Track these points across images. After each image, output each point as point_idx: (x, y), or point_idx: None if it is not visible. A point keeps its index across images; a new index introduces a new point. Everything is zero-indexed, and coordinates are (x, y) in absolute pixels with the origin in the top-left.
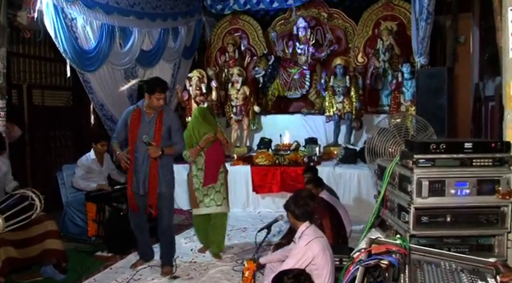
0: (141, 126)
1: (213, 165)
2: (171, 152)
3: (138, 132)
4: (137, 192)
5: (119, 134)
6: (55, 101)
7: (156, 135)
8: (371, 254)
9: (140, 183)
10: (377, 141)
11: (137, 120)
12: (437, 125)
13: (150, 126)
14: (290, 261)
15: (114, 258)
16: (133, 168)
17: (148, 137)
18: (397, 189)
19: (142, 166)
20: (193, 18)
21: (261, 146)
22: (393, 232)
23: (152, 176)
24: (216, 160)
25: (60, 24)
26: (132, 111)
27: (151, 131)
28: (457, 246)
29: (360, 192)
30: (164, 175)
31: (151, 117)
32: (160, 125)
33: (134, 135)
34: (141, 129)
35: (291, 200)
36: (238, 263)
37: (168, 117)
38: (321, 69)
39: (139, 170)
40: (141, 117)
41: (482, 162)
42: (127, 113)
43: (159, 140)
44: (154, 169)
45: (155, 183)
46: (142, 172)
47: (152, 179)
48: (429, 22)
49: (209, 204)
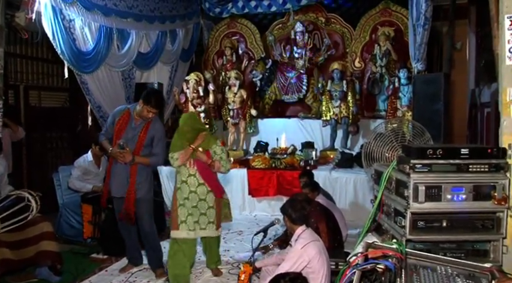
0: (127, 130)
1: (209, 172)
2: (142, 161)
3: (122, 135)
4: (115, 195)
5: (108, 132)
6: (52, 102)
7: (138, 143)
8: (368, 258)
9: (118, 185)
10: (374, 146)
11: (124, 123)
12: (433, 130)
13: (134, 133)
14: (286, 264)
15: (110, 260)
16: (112, 169)
17: (131, 142)
18: (393, 194)
19: (122, 169)
20: (192, 21)
21: (258, 150)
22: (389, 236)
23: (131, 180)
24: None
25: (58, 26)
26: (122, 112)
27: (135, 137)
28: (453, 251)
29: (356, 196)
30: (143, 181)
31: (138, 124)
32: (145, 135)
33: (118, 138)
34: (125, 133)
35: (287, 204)
36: (234, 266)
37: (153, 127)
38: (318, 73)
39: (118, 172)
40: (129, 121)
41: (478, 168)
42: (117, 112)
43: (140, 148)
44: (133, 173)
45: (132, 187)
46: (120, 175)
47: (131, 183)
48: (426, 28)
49: (193, 227)
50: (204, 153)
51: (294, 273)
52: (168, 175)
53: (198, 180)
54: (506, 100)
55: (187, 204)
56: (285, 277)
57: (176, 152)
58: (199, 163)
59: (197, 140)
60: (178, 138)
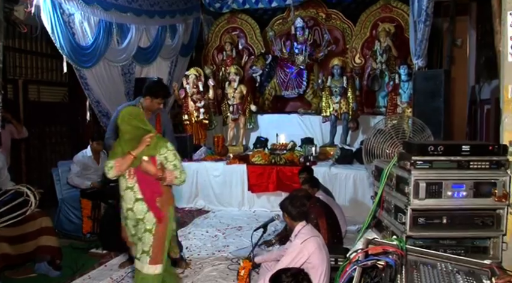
0: None
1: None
2: None
3: None
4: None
5: (113, 134)
6: (51, 97)
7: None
8: (368, 255)
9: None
10: (374, 142)
11: None
12: (433, 127)
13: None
14: (285, 259)
15: (109, 255)
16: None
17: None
18: (394, 190)
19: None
20: (191, 16)
21: (257, 145)
22: (389, 233)
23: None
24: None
25: (57, 20)
26: None
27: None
28: (453, 247)
29: (355, 192)
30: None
31: (149, 119)
32: (159, 125)
33: None
34: None
35: (287, 201)
36: (234, 262)
37: (164, 119)
38: (318, 69)
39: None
40: None
41: (479, 164)
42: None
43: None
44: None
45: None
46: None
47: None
48: (428, 24)
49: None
50: (150, 162)
51: (295, 269)
52: None
53: (136, 195)
54: (508, 97)
55: (129, 224)
56: (286, 273)
57: (113, 159)
58: (141, 173)
59: (140, 144)
60: (118, 142)
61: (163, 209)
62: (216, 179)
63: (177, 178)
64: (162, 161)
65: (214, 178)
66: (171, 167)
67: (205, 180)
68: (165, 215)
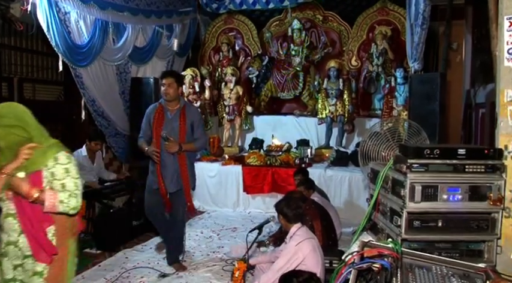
0: (165, 123)
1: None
2: (189, 148)
3: (162, 129)
4: (172, 191)
5: (145, 133)
6: (46, 95)
7: (180, 131)
8: (363, 257)
9: (168, 180)
10: (370, 145)
11: (161, 118)
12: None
13: (173, 122)
14: (280, 261)
15: (103, 255)
16: (162, 169)
17: (172, 133)
18: (390, 193)
19: (171, 164)
20: (188, 16)
21: (253, 146)
22: (385, 235)
23: (184, 173)
24: (39, 215)
25: (53, 18)
26: (155, 108)
27: (175, 127)
28: (448, 251)
29: (350, 195)
30: (189, 169)
31: (174, 114)
32: (184, 121)
33: (158, 133)
34: (164, 126)
35: (283, 202)
36: (228, 263)
37: (190, 112)
38: (314, 71)
39: (166, 167)
40: (164, 114)
41: (474, 168)
42: (149, 111)
43: (184, 134)
44: (183, 164)
45: (186, 178)
46: (169, 169)
47: (185, 176)
48: (424, 28)
49: None
50: (25, 179)
51: (308, 273)
52: None
53: (21, 224)
54: (504, 101)
55: (7, 265)
56: (298, 277)
57: None
58: (19, 198)
59: (17, 157)
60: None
61: (58, 243)
62: (211, 180)
63: (62, 204)
64: (48, 177)
65: (210, 179)
66: (59, 187)
67: (200, 180)
68: (63, 252)
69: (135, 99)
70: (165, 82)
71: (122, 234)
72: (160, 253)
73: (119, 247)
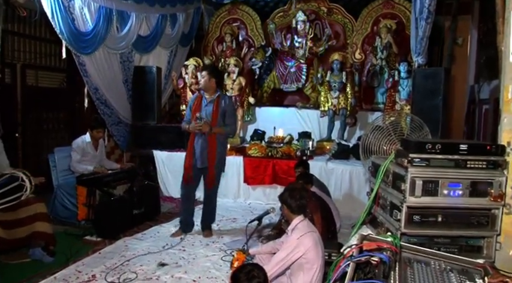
0: (201, 108)
1: None
2: (219, 131)
3: (199, 112)
4: (195, 165)
5: (187, 118)
6: (49, 82)
7: (213, 114)
8: (362, 250)
9: (198, 156)
10: (372, 139)
11: (198, 104)
12: (431, 125)
13: (208, 108)
14: (281, 254)
15: (103, 243)
16: (195, 145)
17: (205, 115)
18: (390, 187)
19: (203, 142)
20: (192, 5)
21: (254, 138)
22: (384, 229)
23: (212, 151)
24: None
25: (57, 5)
26: (195, 97)
27: (209, 112)
28: (447, 246)
29: (351, 188)
30: (219, 151)
31: (210, 100)
32: (217, 108)
33: (195, 115)
34: (200, 111)
35: (286, 193)
36: (228, 253)
37: (224, 102)
38: (318, 63)
39: (198, 145)
40: (202, 101)
41: (476, 164)
42: (191, 100)
43: (215, 118)
44: (213, 145)
45: (213, 157)
46: (200, 146)
47: (212, 154)
48: (429, 22)
49: None
50: None
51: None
52: (164, 159)
53: None
54: (508, 97)
55: None
56: (241, 270)
57: None
58: None
59: None
60: None
61: None
62: None
63: None
64: None
65: None
66: None
67: None
68: None
69: (137, 88)
70: (201, 74)
71: (122, 222)
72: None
73: (119, 235)
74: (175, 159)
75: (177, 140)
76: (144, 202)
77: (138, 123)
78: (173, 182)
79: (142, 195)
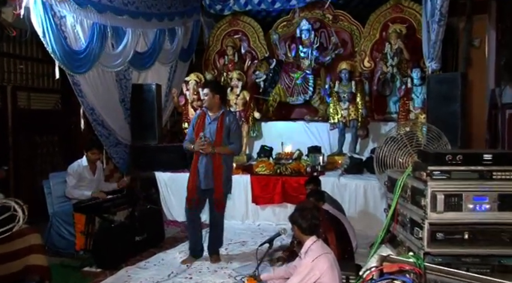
0: (204, 126)
1: None
2: (222, 151)
3: (202, 131)
4: (199, 186)
5: (190, 137)
6: (42, 104)
7: (217, 132)
8: (383, 273)
9: (203, 177)
10: (386, 151)
11: (202, 122)
12: (449, 134)
13: (211, 127)
14: (295, 279)
15: (104, 274)
16: (199, 165)
17: (209, 133)
18: (409, 203)
19: (207, 162)
20: (191, 18)
21: (262, 154)
22: (405, 249)
23: (217, 172)
24: None
25: (48, 23)
26: (198, 115)
27: (213, 131)
28: (477, 266)
29: (366, 204)
30: (225, 171)
31: (214, 118)
32: (222, 125)
33: (198, 134)
34: (204, 129)
35: (297, 213)
36: (237, 279)
37: (228, 119)
38: (325, 73)
39: (202, 165)
40: (205, 119)
41: (503, 175)
42: (194, 118)
43: (220, 137)
44: (218, 166)
45: (219, 178)
46: (204, 167)
47: (218, 175)
48: (442, 24)
49: None
50: None
51: None
52: (167, 181)
53: None
54: None
55: None
56: None
57: None
58: None
59: None
60: None
61: None
62: None
63: None
64: None
65: None
66: None
67: None
68: None
69: (136, 107)
70: (203, 92)
71: (123, 250)
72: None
73: (121, 265)
74: (179, 180)
75: (179, 160)
76: (146, 227)
77: (138, 143)
78: (177, 205)
79: (145, 220)
